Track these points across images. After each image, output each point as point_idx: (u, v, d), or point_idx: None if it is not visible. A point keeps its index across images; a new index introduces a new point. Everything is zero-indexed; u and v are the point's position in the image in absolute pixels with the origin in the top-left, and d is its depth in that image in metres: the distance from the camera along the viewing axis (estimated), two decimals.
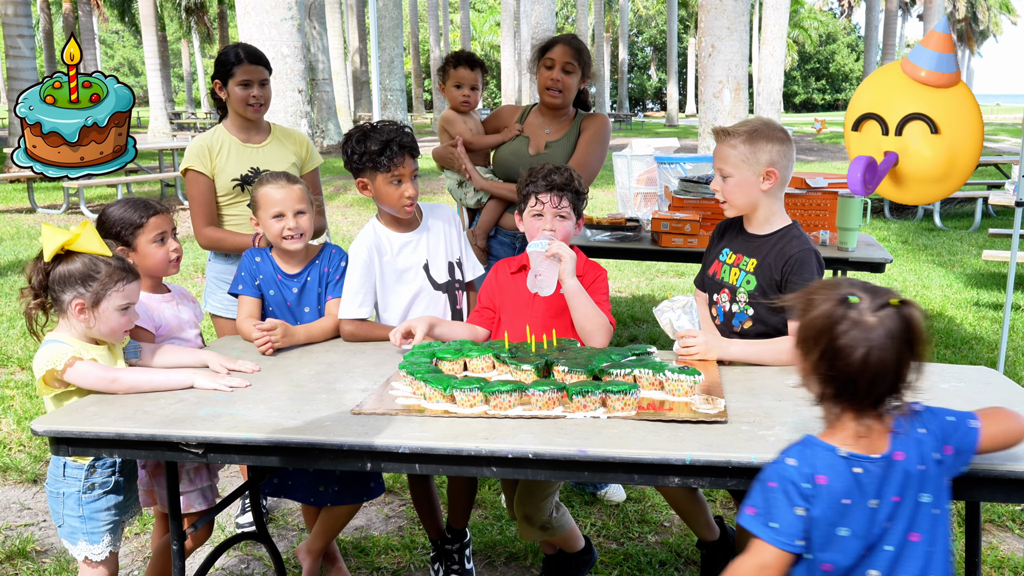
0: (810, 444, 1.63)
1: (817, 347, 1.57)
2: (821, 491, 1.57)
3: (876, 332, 1.53)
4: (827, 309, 1.57)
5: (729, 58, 11.40)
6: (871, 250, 4.67)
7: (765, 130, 2.54)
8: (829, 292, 1.60)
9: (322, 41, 19.33)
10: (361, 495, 2.89)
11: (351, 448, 1.96)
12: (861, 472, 1.57)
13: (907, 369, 1.57)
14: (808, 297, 1.65)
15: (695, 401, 2.15)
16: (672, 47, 42.01)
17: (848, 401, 1.59)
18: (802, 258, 2.53)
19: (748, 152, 2.53)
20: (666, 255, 4.84)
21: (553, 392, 2.10)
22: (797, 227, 2.62)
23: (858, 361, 1.53)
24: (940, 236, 10.33)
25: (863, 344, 1.53)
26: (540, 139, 3.63)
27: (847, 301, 1.57)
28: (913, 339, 1.56)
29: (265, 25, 7.26)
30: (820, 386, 1.60)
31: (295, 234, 2.85)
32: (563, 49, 3.51)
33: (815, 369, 1.59)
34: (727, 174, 2.57)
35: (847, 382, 1.56)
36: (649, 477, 1.91)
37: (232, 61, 3.36)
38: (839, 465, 1.58)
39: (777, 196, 2.61)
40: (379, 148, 2.74)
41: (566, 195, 2.66)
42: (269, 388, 2.35)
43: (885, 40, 28.57)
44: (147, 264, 2.72)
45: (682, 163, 5.93)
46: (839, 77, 70.40)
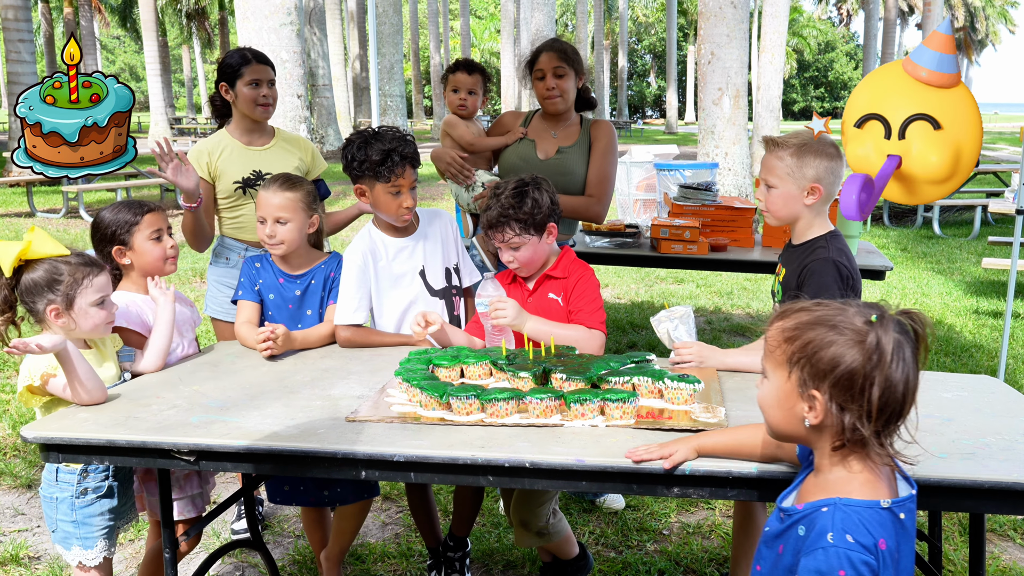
0: (850, 509, 1.41)
1: (875, 383, 1.39)
2: (884, 556, 1.38)
3: (906, 350, 1.42)
4: (867, 338, 1.41)
5: (728, 65, 11.42)
6: (871, 257, 4.65)
7: (816, 145, 2.49)
8: (842, 317, 1.45)
9: (322, 47, 19.35)
10: (362, 492, 2.85)
11: (345, 456, 1.93)
12: (905, 516, 1.44)
13: (918, 382, 1.45)
14: (813, 328, 1.46)
15: (695, 410, 2.12)
16: (671, 54, 42.08)
17: (882, 432, 1.43)
18: (814, 268, 2.45)
19: (795, 165, 2.47)
20: (665, 261, 4.82)
21: (551, 400, 2.07)
22: (827, 238, 2.51)
23: (903, 384, 1.41)
24: (939, 244, 10.31)
25: (903, 365, 1.41)
26: (549, 144, 3.59)
27: (872, 324, 1.43)
28: (919, 352, 1.46)
29: (264, 30, 7.26)
30: (869, 425, 1.41)
31: (271, 241, 2.83)
32: (549, 56, 3.48)
33: (877, 409, 1.40)
34: (771, 184, 2.52)
35: (894, 411, 1.42)
36: (648, 487, 1.88)
37: (239, 62, 3.33)
38: (886, 520, 1.41)
39: (820, 211, 2.54)
40: (380, 158, 2.71)
41: (508, 226, 2.60)
42: (263, 395, 2.32)
43: (884, 48, 28.66)
44: (144, 261, 2.69)
45: (681, 170, 5.91)
46: (838, 85, 70.57)
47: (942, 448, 1.88)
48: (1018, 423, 2.07)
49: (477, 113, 3.72)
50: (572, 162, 3.54)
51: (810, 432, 1.49)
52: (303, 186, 2.91)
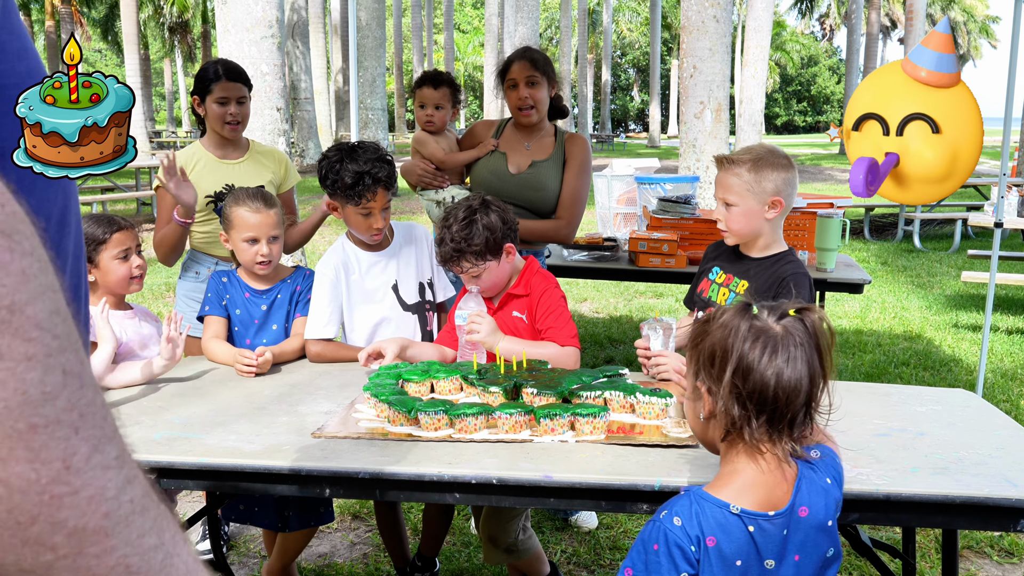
0: (698, 499, 1.43)
1: (728, 361, 1.42)
2: (711, 553, 1.39)
3: (786, 340, 1.42)
4: (729, 321, 1.45)
5: (710, 79, 11.46)
6: (850, 271, 4.65)
7: (770, 158, 2.46)
8: (724, 309, 1.50)
9: (305, 61, 19.34)
10: (318, 518, 2.85)
11: (309, 473, 1.89)
12: (755, 531, 1.41)
13: (817, 382, 1.44)
14: (703, 321, 1.53)
15: (666, 424, 2.09)
16: (655, 69, 42.31)
17: (767, 422, 1.42)
18: (796, 281, 2.44)
19: (753, 180, 2.44)
20: (644, 275, 4.80)
21: (520, 415, 2.04)
22: (792, 253, 2.54)
23: (773, 372, 1.40)
24: (920, 257, 10.36)
25: (775, 353, 1.41)
26: (521, 157, 3.53)
27: (748, 310, 1.46)
28: (820, 348, 1.44)
29: (245, 43, 7.23)
30: (738, 407, 1.42)
31: (267, 260, 2.80)
32: (521, 65, 3.44)
33: (731, 388, 1.41)
34: (731, 203, 2.48)
35: (764, 398, 1.41)
36: (617, 504, 1.85)
37: (211, 78, 3.30)
38: (731, 524, 1.40)
39: (778, 224, 2.54)
40: (352, 181, 2.67)
41: (464, 258, 2.54)
42: (228, 410, 2.28)
43: (866, 63, 28.93)
44: (108, 280, 2.67)
45: (662, 183, 5.91)
46: (820, 99, 71.19)
47: (914, 462, 1.87)
48: (992, 438, 2.06)
49: (447, 126, 3.67)
50: (545, 177, 3.49)
51: (707, 430, 1.52)
52: (276, 200, 2.91)
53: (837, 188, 19.31)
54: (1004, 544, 3.42)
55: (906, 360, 5.99)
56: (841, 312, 7.42)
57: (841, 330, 6.91)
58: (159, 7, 36.58)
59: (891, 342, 6.52)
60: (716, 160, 2.55)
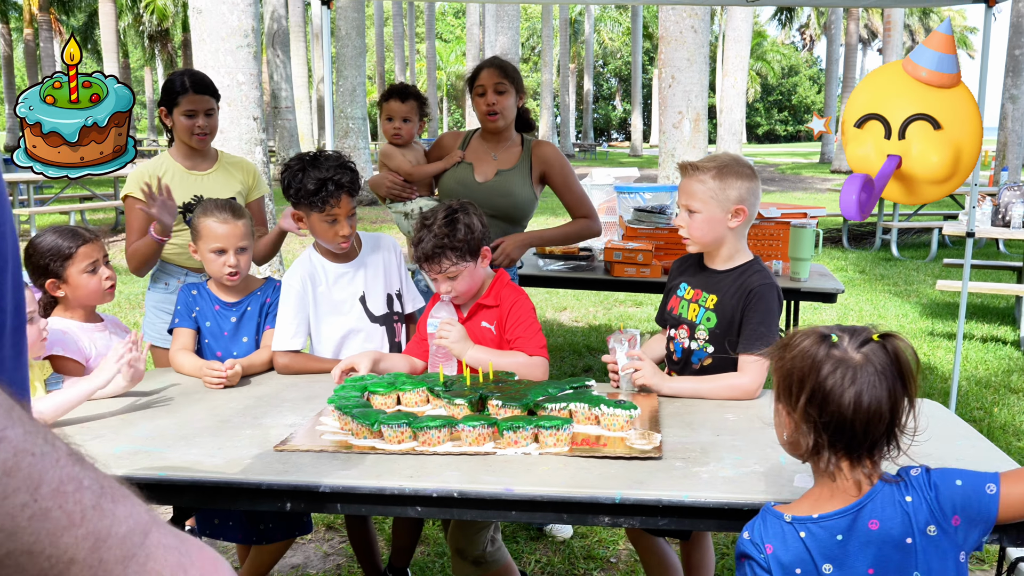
0: (764, 513, 1.55)
1: (803, 391, 1.45)
2: (770, 561, 1.48)
3: (865, 369, 1.44)
4: (807, 348, 1.47)
5: (689, 89, 11.52)
6: (823, 280, 4.68)
7: (734, 166, 2.46)
8: (805, 334, 1.51)
9: (286, 70, 19.28)
10: (292, 531, 2.82)
11: (269, 487, 1.88)
12: (806, 536, 1.46)
13: (901, 407, 1.46)
14: (783, 343, 1.55)
15: (631, 436, 2.09)
16: (636, 78, 42.53)
17: (844, 448, 1.46)
18: (762, 292, 2.45)
19: (717, 188, 2.44)
20: (619, 285, 4.81)
21: (483, 428, 2.03)
22: (758, 262, 2.54)
23: (850, 401, 1.42)
24: (897, 266, 10.43)
25: (853, 382, 1.43)
26: (488, 166, 3.54)
27: (828, 339, 1.47)
28: (903, 373, 1.46)
29: (221, 52, 7.20)
30: (813, 434, 1.46)
31: (235, 270, 2.78)
32: (489, 72, 3.45)
33: (805, 416, 1.46)
34: (695, 210, 2.47)
35: (841, 425, 1.44)
36: (579, 516, 1.84)
37: (177, 90, 3.26)
38: (786, 532, 1.48)
39: (742, 233, 2.53)
40: (315, 187, 2.66)
41: (444, 256, 2.51)
42: (192, 423, 2.26)
43: (845, 73, 29.14)
44: (80, 295, 2.64)
45: (641, 192, 5.93)
46: (801, 109, 71.74)
47: None
48: (954, 448, 2.07)
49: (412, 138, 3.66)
50: (511, 184, 3.50)
51: (794, 449, 1.57)
52: (245, 211, 2.89)
53: (818, 197, 19.44)
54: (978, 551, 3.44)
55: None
56: (818, 321, 7.45)
57: None
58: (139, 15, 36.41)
59: None
60: (680, 167, 2.55)
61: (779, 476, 1.86)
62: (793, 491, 1.77)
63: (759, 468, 1.90)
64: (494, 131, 3.52)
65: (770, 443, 2.02)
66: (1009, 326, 7.26)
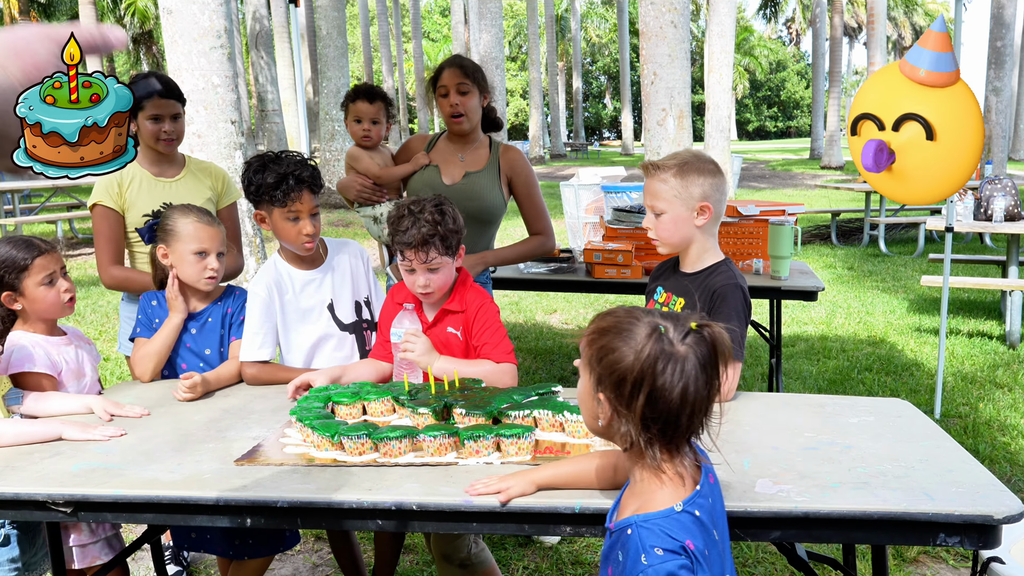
0: (651, 523, 1.42)
1: (641, 392, 1.42)
2: (695, 555, 1.40)
3: (689, 361, 1.43)
4: (642, 346, 1.43)
5: (671, 85, 11.48)
6: (804, 278, 4.66)
7: (696, 162, 2.44)
8: (633, 325, 1.47)
9: (271, 71, 19.22)
10: (276, 545, 2.79)
11: (227, 503, 1.85)
12: (700, 513, 1.45)
13: (714, 394, 1.47)
14: (602, 326, 1.51)
15: (595, 443, 2.07)
16: (625, 75, 42.47)
17: (668, 442, 1.47)
18: (724, 293, 2.43)
19: (680, 186, 2.42)
20: (600, 286, 4.78)
21: (445, 438, 2.02)
22: (727, 263, 2.52)
23: (678, 396, 1.42)
24: (885, 262, 10.45)
25: (682, 377, 1.42)
26: (455, 168, 3.51)
27: (658, 331, 1.45)
28: (718, 363, 1.46)
29: (194, 54, 7.13)
30: (641, 432, 1.45)
31: (216, 274, 2.76)
32: (451, 72, 3.42)
33: (640, 415, 1.43)
34: (659, 210, 2.46)
35: (669, 421, 1.44)
36: (540, 527, 1.83)
37: (142, 95, 3.23)
38: (687, 523, 1.43)
39: (711, 232, 2.51)
40: (275, 181, 2.63)
41: (433, 245, 2.48)
42: (154, 438, 2.23)
43: (832, 67, 29.19)
44: (38, 308, 2.60)
45: (628, 191, 5.91)
46: (790, 104, 71.81)
47: (836, 477, 1.86)
48: (918, 448, 2.05)
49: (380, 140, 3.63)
50: (480, 187, 3.47)
51: (607, 432, 1.54)
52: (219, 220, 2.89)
53: (807, 194, 19.47)
54: (960, 549, 3.43)
55: (869, 365, 6.03)
56: (806, 318, 7.46)
57: (806, 336, 6.95)
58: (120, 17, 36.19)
59: (855, 347, 6.56)
60: (642, 167, 2.53)
61: (742, 480, 1.84)
62: (751, 497, 1.76)
63: (720, 474, 1.88)
64: (459, 133, 3.50)
65: (735, 448, 2.01)
66: (995, 321, 7.27)
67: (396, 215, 2.55)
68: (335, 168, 16.15)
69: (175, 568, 3.27)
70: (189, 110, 7.07)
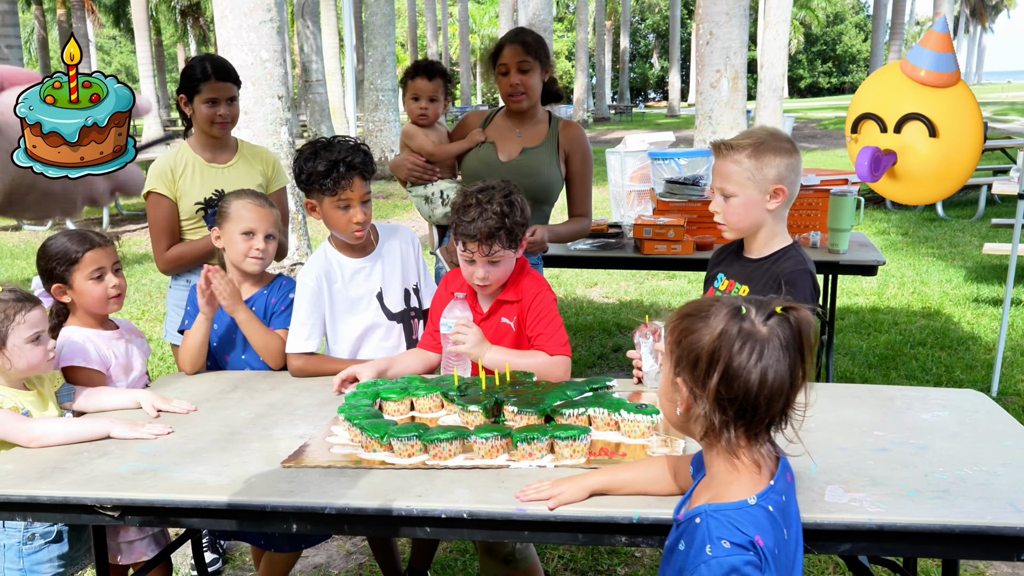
0: (721, 514, 1.37)
1: (715, 369, 1.37)
2: (764, 552, 1.34)
3: (771, 343, 1.36)
4: (720, 324, 1.38)
5: (727, 45, 11.18)
6: (863, 251, 4.49)
7: (772, 142, 2.29)
8: (714, 307, 1.42)
9: (315, 41, 19.15)
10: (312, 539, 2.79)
11: (274, 509, 1.81)
12: (773, 508, 1.39)
13: (798, 384, 1.40)
14: (686, 312, 1.45)
15: (652, 443, 1.99)
16: (675, 33, 41.66)
17: (745, 425, 1.40)
18: (793, 279, 2.29)
19: (754, 168, 2.28)
20: (649, 263, 4.66)
21: (497, 439, 1.94)
22: (796, 247, 2.38)
23: (757, 378, 1.36)
24: (942, 227, 10.09)
25: (760, 358, 1.36)
26: (512, 144, 3.40)
27: (739, 312, 1.39)
28: (804, 349, 1.39)
29: (244, 28, 7.12)
30: (717, 414, 1.39)
31: (262, 256, 2.72)
32: (512, 49, 3.28)
33: (715, 395, 1.38)
34: (730, 193, 2.32)
35: (745, 403, 1.37)
36: (594, 536, 1.76)
37: (199, 77, 3.18)
38: (760, 517, 1.36)
39: (781, 215, 2.37)
40: (325, 169, 2.56)
41: (497, 239, 2.37)
42: (201, 436, 2.20)
43: (894, 19, 28.11)
44: (84, 302, 2.59)
45: (676, 158, 5.75)
46: (846, 59, 69.60)
47: (913, 484, 1.75)
48: (999, 450, 1.93)
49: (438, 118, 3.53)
50: (537, 163, 3.35)
51: (685, 422, 1.47)
52: (275, 206, 2.86)
53: None
54: None
55: (923, 339, 5.82)
56: (857, 289, 7.23)
57: (857, 309, 6.74)
58: None
59: (908, 320, 6.34)
60: (713, 146, 2.40)
61: (810, 486, 1.75)
62: (821, 506, 1.66)
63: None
64: (519, 112, 3.39)
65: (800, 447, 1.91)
66: None
67: (462, 203, 2.43)
68: (377, 139, 16.10)
69: (212, 555, 3.28)
70: None
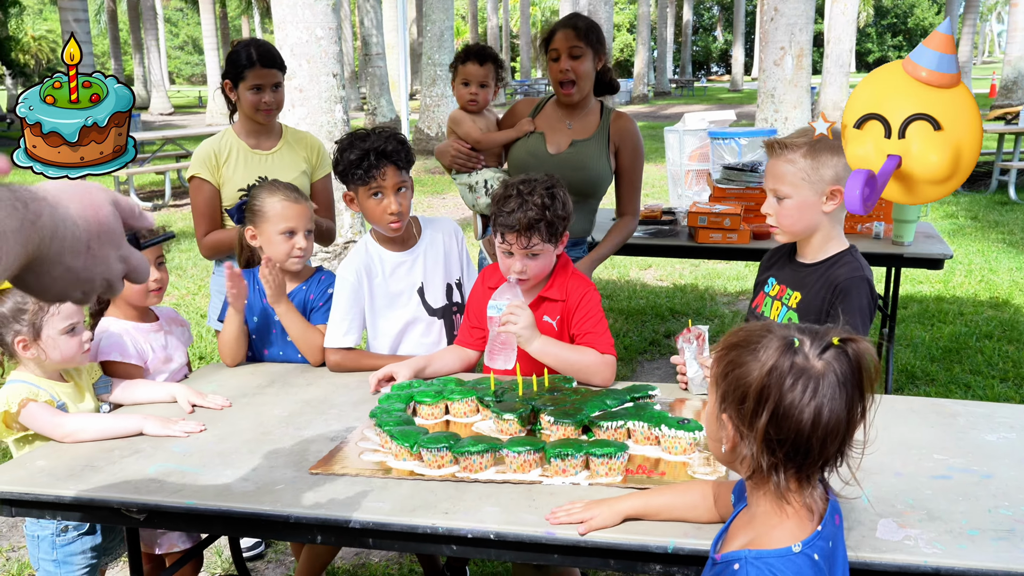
0: (762, 562, 1.28)
1: (764, 409, 1.26)
2: None
3: (827, 379, 1.25)
4: (768, 359, 1.26)
5: (792, 21, 10.84)
6: (930, 243, 4.30)
7: (828, 141, 2.17)
8: (764, 338, 1.29)
9: (376, 15, 19.13)
10: None
11: (298, 520, 1.76)
12: (819, 557, 1.29)
13: (856, 420, 1.28)
14: (734, 342, 1.33)
15: (693, 461, 1.89)
16: (739, 5, 40.70)
17: (796, 468, 1.29)
18: (848, 287, 2.16)
19: (810, 168, 2.16)
20: (704, 252, 4.52)
21: (529, 454, 1.86)
22: (853, 252, 2.25)
23: (809, 417, 1.24)
24: (1014, 211, 9.66)
25: (814, 396, 1.24)
26: (562, 136, 3.30)
27: (791, 345, 1.27)
28: (863, 384, 1.28)
29: (299, 6, 7.08)
30: (766, 456, 1.28)
31: (303, 254, 2.69)
32: (565, 34, 3.15)
33: (763, 436, 1.27)
34: (783, 195, 2.20)
35: (797, 445, 1.26)
36: (627, 564, 1.67)
37: (244, 63, 3.14)
38: (803, 567, 1.27)
39: (838, 218, 2.24)
40: (357, 158, 2.50)
41: (537, 231, 2.29)
42: (232, 436, 2.16)
43: None
44: (124, 294, 2.56)
45: (736, 138, 5.57)
46: (918, 33, 67.20)
47: (974, 520, 1.62)
48: None
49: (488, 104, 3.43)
50: (587, 156, 3.24)
51: (730, 458, 1.37)
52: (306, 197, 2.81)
53: None
54: None
55: (990, 332, 5.56)
56: (922, 276, 6.95)
57: (920, 297, 6.49)
58: None
59: (974, 310, 6.08)
60: (767, 145, 2.27)
61: (860, 519, 1.64)
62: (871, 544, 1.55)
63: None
64: (569, 103, 3.28)
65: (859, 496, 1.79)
66: None
67: (502, 194, 2.36)
68: (434, 114, 16.02)
69: (252, 540, 3.27)
70: (291, 64, 7.04)
